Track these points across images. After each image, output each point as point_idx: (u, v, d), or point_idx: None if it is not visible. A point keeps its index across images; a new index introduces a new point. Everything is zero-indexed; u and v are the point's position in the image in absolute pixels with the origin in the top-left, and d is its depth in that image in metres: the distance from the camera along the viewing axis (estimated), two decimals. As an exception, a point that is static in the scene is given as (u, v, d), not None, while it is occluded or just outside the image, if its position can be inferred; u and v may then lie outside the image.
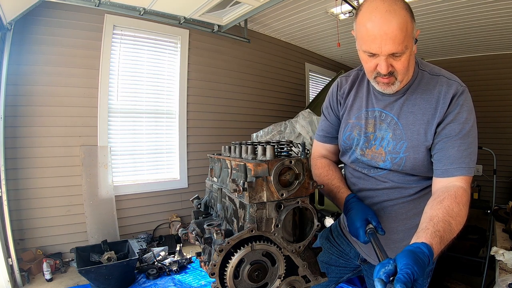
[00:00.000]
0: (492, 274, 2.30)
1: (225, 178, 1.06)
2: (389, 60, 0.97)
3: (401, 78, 1.03)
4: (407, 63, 0.99)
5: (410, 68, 1.04)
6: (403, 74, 1.02)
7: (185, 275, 3.01)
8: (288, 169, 0.85)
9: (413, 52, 1.01)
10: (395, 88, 1.06)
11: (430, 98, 1.07)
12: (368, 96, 1.20)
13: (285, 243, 0.88)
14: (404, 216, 1.18)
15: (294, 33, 4.90)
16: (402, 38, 0.92)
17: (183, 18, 3.73)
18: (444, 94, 1.05)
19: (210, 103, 4.35)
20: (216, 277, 0.84)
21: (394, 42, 0.92)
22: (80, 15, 3.26)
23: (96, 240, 3.23)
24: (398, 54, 0.95)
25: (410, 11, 0.95)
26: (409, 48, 0.96)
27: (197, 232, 1.11)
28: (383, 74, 1.00)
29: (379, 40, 0.93)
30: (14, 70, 2.91)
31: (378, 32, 0.92)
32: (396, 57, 0.96)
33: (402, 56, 0.96)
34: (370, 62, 1.01)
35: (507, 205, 3.24)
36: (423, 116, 1.07)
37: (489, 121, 5.26)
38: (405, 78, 1.05)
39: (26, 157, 3.04)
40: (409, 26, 0.93)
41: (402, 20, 0.91)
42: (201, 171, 4.19)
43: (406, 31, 0.92)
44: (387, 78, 1.01)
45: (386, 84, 1.04)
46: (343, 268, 1.44)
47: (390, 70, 0.99)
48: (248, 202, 0.81)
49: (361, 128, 1.19)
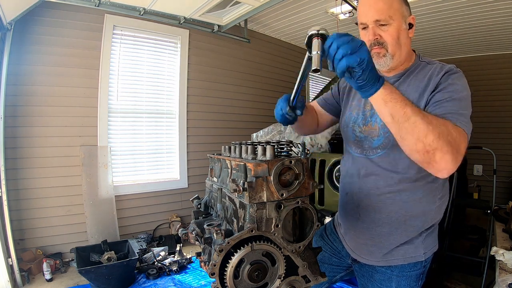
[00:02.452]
0: (492, 274, 2.30)
1: (225, 178, 1.06)
2: (376, 29, 1.08)
3: (392, 50, 1.10)
4: (396, 36, 1.08)
5: (402, 45, 1.11)
6: (393, 45, 1.09)
7: (185, 275, 3.01)
8: (288, 169, 0.85)
9: (403, 29, 1.10)
10: (387, 61, 1.12)
11: (423, 77, 1.11)
12: None
13: (285, 243, 0.88)
14: (390, 209, 1.17)
15: (294, 33, 4.90)
16: (385, 8, 1.06)
17: (183, 18, 3.73)
18: (438, 71, 1.09)
19: (210, 103, 4.35)
20: (216, 277, 0.84)
21: (377, 10, 1.06)
22: (80, 15, 3.26)
23: (96, 240, 3.23)
24: (383, 23, 1.07)
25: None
26: (396, 20, 1.07)
27: (197, 232, 1.12)
28: (373, 43, 1.09)
29: (366, 9, 1.09)
30: (14, 70, 2.91)
31: (366, 3, 1.10)
32: (382, 26, 1.08)
33: (389, 28, 1.07)
34: (364, 36, 1.12)
35: (507, 205, 3.24)
36: (415, 92, 1.10)
37: (489, 121, 5.26)
38: (397, 54, 1.11)
39: (26, 157, 3.04)
40: (395, 3, 1.07)
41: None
42: (201, 171, 4.19)
43: (391, 4, 1.06)
44: (377, 47, 1.10)
45: (378, 54, 1.11)
46: (336, 266, 1.44)
47: (377, 37, 1.09)
48: (248, 202, 0.81)
49: (359, 108, 1.27)
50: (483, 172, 5.32)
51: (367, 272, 1.29)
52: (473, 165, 5.33)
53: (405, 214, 1.16)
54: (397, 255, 1.19)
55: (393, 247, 1.19)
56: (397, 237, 1.19)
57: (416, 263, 1.20)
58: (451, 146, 0.83)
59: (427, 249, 1.20)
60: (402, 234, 1.18)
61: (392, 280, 1.21)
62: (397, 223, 1.17)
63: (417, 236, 1.18)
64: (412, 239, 1.18)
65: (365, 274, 1.30)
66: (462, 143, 0.88)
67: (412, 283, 1.22)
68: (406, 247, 1.18)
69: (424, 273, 1.24)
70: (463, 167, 4.38)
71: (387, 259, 1.21)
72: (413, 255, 1.18)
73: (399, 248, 1.19)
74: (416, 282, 1.23)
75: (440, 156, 0.83)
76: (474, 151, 3.90)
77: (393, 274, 1.21)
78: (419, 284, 1.24)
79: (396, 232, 1.18)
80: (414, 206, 1.16)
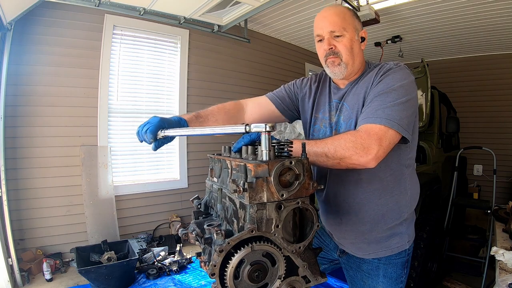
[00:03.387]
0: (492, 274, 2.30)
1: (225, 178, 1.06)
2: (331, 40, 1.18)
3: (345, 59, 1.19)
4: (349, 46, 1.18)
5: (355, 55, 1.21)
6: (346, 55, 1.19)
7: (185, 275, 3.01)
8: (288, 169, 0.84)
9: (356, 40, 1.20)
10: (342, 70, 1.21)
11: (369, 79, 1.20)
12: (330, 92, 1.35)
13: (285, 243, 0.88)
14: (367, 208, 1.23)
15: (294, 33, 4.90)
16: (339, 21, 1.17)
17: (183, 18, 3.73)
18: (377, 72, 1.19)
19: (210, 103, 4.25)
20: (216, 278, 0.83)
21: (331, 23, 1.17)
22: (80, 15, 3.26)
23: (96, 240, 3.23)
24: (338, 34, 1.17)
25: (354, 12, 1.24)
26: (349, 32, 1.17)
27: (197, 232, 1.11)
28: (328, 53, 1.20)
29: (321, 21, 1.20)
30: (14, 70, 2.91)
31: (320, 18, 1.21)
32: (336, 37, 1.18)
33: (343, 39, 1.17)
34: (320, 48, 1.23)
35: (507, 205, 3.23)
36: (361, 95, 1.19)
37: (489, 121, 5.26)
38: (350, 63, 1.20)
39: (26, 157, 3.04)
40: (347, 16, 1.19)
41: (339, 10, 1.20)
42: (201, 171, 4.19)
43: (343, 18, 1.17)
44: (332, 57, 1.20)
45: (333, 63, 1.21)
46: (321, 258, 1.48)
47: (331, 47, 1.19)
48: (248, 203, 0.81)
49: (326, 121, 1.33)
50: (483, 172, 5.32)
51: (354, 264, 1.34)
52: (473, 165, 5.34)
53: (382, 209, 1.23)
54: (385, 247, 1.26)
55: (378, 240, 1.26)
56: (379, 231, 1.25)
57: (400, 252, 1.27)
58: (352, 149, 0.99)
59: (410, 236, 1.30)
60: (383, 228, 1.25)
61: (380, 268, 1.27)
62: (377, 219, 1.24)
63: (398, 227, 1.26)
64: (395, 230, 1.26)
65: (352, 266, 1.35)
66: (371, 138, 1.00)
67: (399, 271, 1.28)
68: (391, 238, 1.26)
69: (408, 261, 1.31)
70: (463, 167, 4.39)
71: (375, 251, 1.27)
72: (399, 245, 1.26)
73: (385, 240, 1.26)
74: (402, 269, 1.29)
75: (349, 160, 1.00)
76: (474, 151, 3.91)
77: (380, 263, 1.27)
78: (405, 271, 1.30)
79: (378, 227, 1.25)
80: (388, 201, 1.23)
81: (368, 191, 1.23)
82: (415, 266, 2.34)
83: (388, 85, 1.11)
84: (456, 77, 5.50)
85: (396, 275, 1.27)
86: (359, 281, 1.33)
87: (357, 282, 1.34)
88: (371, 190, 1.22)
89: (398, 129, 1.04)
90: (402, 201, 1.25)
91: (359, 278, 1.33)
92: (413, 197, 1.30)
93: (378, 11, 3.66)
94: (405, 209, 1.26)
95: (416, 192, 1.32)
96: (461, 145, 4.33)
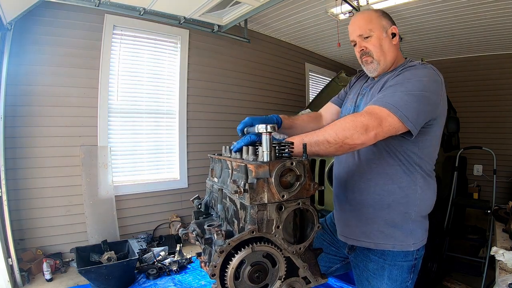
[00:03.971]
0: (492, 274, 2.30)
1: (226, 178, 1.06)
2: (361, 42, 1.31)
3: (377, 57, 1.29)
4: (378, 44, 1.28)
5: (386, 52, 1.29)
6: (377, 52, 1.29)
7: (185, 275, 3.01)
8: (289, 170, 0.84)
9: (384, 38, 1.29)
10: (375, 66, 1.32)
11: (395, 73, 1.26)
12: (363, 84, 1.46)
13: (286, 244, 0.88)
14: (372, 190, 1.26)
15: (294, 33, 4.90)
16: (365, 24, 1.28)
17: (183, 18, 3.72)
18: (402, 66, 1.27)
19: (210, 103, 4.35)
20: (216, 278, 0.84)
21: (358, 27, 1.30)
22: (80, 15, 3.26)
23: (96, 240, 3.23)
24: (366, 36, 1.28)
25: (381, 12, 1.32)
26: (376, 31, 1.27)
27: (197, 232, 1.11)
28: (361, 54, 1.33)
29: (351, 28, 1.33)
30: (14, 70, 2.90)
31: (350, 25, 1.34)
32: (365, 38, 1.29)
33: (372, 39, 1.28)
34: (356, 51, 1.36)
35: (507, 205, 3.24)
36: (382, 84, 1.25)
37: (489, 121, 5.27)
38: (382, 60, 1.30)
39: (26, 157, 3.04)
40: (373, 17, 1.29)
41: (364, 14, 1.31)
42: (201, 171, 4.19)
43: (369, 20, 1.28)
44: (365, 56, 1.32)
45: (366, 61, 1.33)
46: (333, 256, 1.52)
47: (363, 48, 1.31)
48: (249, 204, 0.81)
49: (352, 102, 1.44)
50: (483, 172, 5.32)
51: (361, 262, 1.35)
52: (473, 165, 5.34)
53: (387, 198, 1.24)
54: (388, 241, 1.26)
55: (381, 231, 1.26)
56: (382, 221, 1.26)
57: (406, 254, 1.26)
58: (352, 129, 1.00)
59: (416, 240, 1.26)
60: (386, 218, 1.25)
61: (385, 269, 1.27)
62: (380, 206, 1.25)
63: (402, 224, 1.25)
64: (398, 225, 1.25)
65: (359, 264, 1.36)
66: (371, 117, 1.02)
67: (404, 274, 1.27)
68: (394, 232, 1.25)
69: (415, 267, 1.29)
70: (463, 167, 4.39)
71: (378, 242, 1.27)
72: (402, 243, 1.25)
73: (389, 233, 1.25)
74: (408, 274, 1.28)
75: (350, 140, 1.00)
76: (474, 151, 3.91)
77: (386, 263, 1.27)
78: (410, 277, 1.29)
79: (380, 215, 1.26)
80: (396, 191, 1.24)
81: (375, 173, 1.25)
82: (415, 266, 2.34)
83: (405, 77, 1.15)
84: (456, 77, 5.50)
85: (401, 279, 1.27)
86: (365, 281, 1.34)
87: (363, 281, 1.35)
88: (378, 173, 1.25)
89: (400, 117, 1.04)
90: (411, 196, 1.24)
91: (365, 278, 1.33)
92: (424, 200, 1.28)
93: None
94: (413, 208, 1.25)
95: (428, 197, 1.29)
96: (461, 145, 4.33)
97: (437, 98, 1.15)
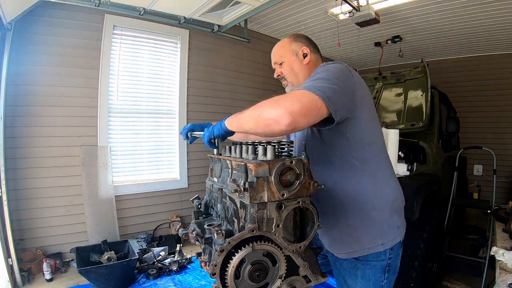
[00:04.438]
0: (492, 274, 2.30)
1: (226, 178, 1.06)
2: (277, 68, 1.46)
3: (290, 79, 1.42)
4: (289, 68, 1.41)
5: (298, 73, 1.41)
6: (289, 76, 1.42)
7: (185, 275, 3.01)
8: (289, 169, 0.85)
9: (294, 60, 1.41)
10: (290, 88, 1.43)
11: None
12: None
13: (286, 243, 0.88)
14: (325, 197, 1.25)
15: (294, 33, 4.89)
16: (277, 52, 1.45)
17: (183, 18, 3.72)
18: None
19: (210, 103, 4.35)
20: (217, 277, 0.84)
21: (273, 55, 1.47)
22: (80, 15, 3.26)
23: (96, 240, 3.23)
24: (279, 62, 1.44)
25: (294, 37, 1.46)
26: (286, 57, 1.42)
27: (197, 232, 1.11)
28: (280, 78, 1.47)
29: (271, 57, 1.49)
30: (14, 70, 2.90)
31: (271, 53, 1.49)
32: (279, 65, 1.44)
33: (284, 64, 1.42)
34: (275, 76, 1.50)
35: (507, 205, 3.24)
36: None
37: (489, 121, 5.26)
38: (295, 81, 1.41)
39: (26, 157, 3.04)
40: (285, 44, 1.44)
41: (279, 44, 1.47)
42: (201, 171, 4.19)
43: (281, 48, 1.44)
44: (283, 80, 1.46)
45: (284, 85, 1.47)
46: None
47: (279, 74, 1.45)
48: (249, 202, 0.81)
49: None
50: (483, 172, 5.32)
51: (337, 261, 1.35)
52: (473, 165, 5.33)
53: (341, 203, 1.23)
54: (355, 247, 1.24)
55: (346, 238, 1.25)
56: (343, 228, 1.26)
57: (378, 254, 1.24)
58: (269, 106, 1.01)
59: (385, 240, 1.23)
60: (347, 224, 1.24)
61: (358, 268, 1.27)
62: (338, 212, 1.25)
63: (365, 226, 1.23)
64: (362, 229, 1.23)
65: (336, 263, 1.37)
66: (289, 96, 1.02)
67: (377, 274, 1.26)
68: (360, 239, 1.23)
69: (390, 266, 1.27)
70: (463, 167, 4.39)
71: (347, 251, 1.27)
72: (369, 246, 1.23)
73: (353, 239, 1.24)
74: (381, 273, 1.26)
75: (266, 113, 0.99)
76: (474, 151, 3.91)
77: (358, 262, 1.27)
78: (385, 276, 1.27)
79: (340, 222, 1.26)
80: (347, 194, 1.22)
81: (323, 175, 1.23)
82: (415, 266, 2.34)
83: (316, 71, 1.22)
84: (456, 77, 5.50)
85: (374, 278, 1.25)
86: (341, 279, 1.35)
87: (340, 279, 1.37)
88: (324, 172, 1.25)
89: (319, 94, 1.00)
90: (360, 197, 1.21)
91: (342, 276, 1.34)
92: (379, 198, 1.24)
93: (378, 11, 3.66)
94: (370, 208, 1.22)
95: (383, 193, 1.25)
96: (461, 145, 4.33)
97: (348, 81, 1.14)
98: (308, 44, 1.44)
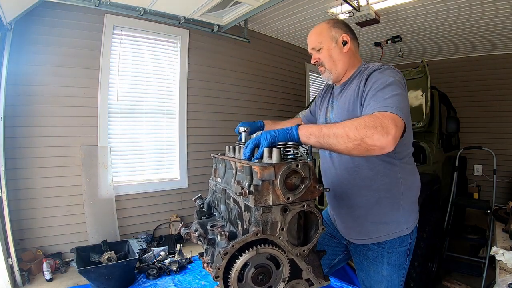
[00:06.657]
0: (492, 274, 2.30)
1: (230, 179, 1.06)
2: (315, 54, 1.42)
3: (328, 66, 1.40)
4: (327, 55, 1.38)
5: (336, 60, 1.38)
6: (328, 63, 1.39)
7: (185, 275, 3.01)
8: (294, 172, 0.84)
9: (333, 47, 1.37)
10: (328, 75, 1.43)
11: (359, 81, 1.31)
12: (332, 93, 1.53)
13: (290, 246, 0.87)
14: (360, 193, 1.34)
15: (294, 33, 4.89)
16: (315, 37, 1.39)
17: (183, 18, 3.72)
18: (366, 74, 1.28)
19: (210, 103, 4.35)
20: (220, 280, 0.83)
21: (310, 42, 1.42)
22: (80, 15, 3.25)
23: (96, 240, 3.23)
24: (317, 48, 1.39)
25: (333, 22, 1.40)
26: (325, 44, 1.37)
27: (200, 232, 1.11)
28: (316, 65, 1.44)
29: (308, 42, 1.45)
30: (14, 70, 2.89)
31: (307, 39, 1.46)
32: (317, 51, 1.40)
33: (322, 50, 1.38)
34: (312, 62, 1.46)
35: (507, 205, 3.25)
36: (351, 96, 1.31)
37: (489, 121, 5.27)
38: (333, 69, 1.39)
39: (26, 157, 3.03)
40: (324, 30, 1.38)
41: (317, 28, 1.41)
42: (201, 171, 4.18)
43: (320, 33, 1.39)
44: (320, 67, 1.43)
45: (321, 71, 1.45)
46: (335, 248, 1.59)
47: (316, 60, 1.42)
48: (254, 205, 0.81)
49: (323, 116, 1.53)
50: (483, 172, 5.33)
51: (361, 251, 1.43)
52: (473, 165, 5.35)
53: (374, 196, 1.32)
54: (383, 232, 1.34)
55: (376, 225, 1.34)
56: (374, 217, 1.34)
57: (402, 240, 1.35)
58: (373, 128, 0.95)
59: (409, 224, 1.36)
60: (378, 213, 1.33)
61: (384, 256, 1.36)
62: (370, 205, 1.33)
63: (393, 214, 1.33)
64: (390, 216, 1.33)
65: (359, 253, 1.45)
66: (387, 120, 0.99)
67: (401, 259, 1.37)
68: (387, 223, 1.34)
69: (411, 250, 1.40)
70: (463, 167, 4.40)
71: (374, 236, 1.36)
72: (397, 231, 1.34)
73: (382, 226, 1.34)
74: (404, 257, 1.38)
75: (370, 139, 0.95)
76: (474, 151, 3.91)
77: (384, 251, 1.36)
78: (407, 259, 1.39)
79: (372, 212, 1.34)
80: (380, 188, 1.31)
81: (358, 178, 1.33)
82: (415, 266, 2.34)
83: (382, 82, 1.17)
84: (456, 77, 5.50)
85: (399, 263, 1.36)
86: (365, 267, 1.42)
87: (363, 268, 1.43)
88: (361, 178, 1.32)
89: (403, 117, 1.04)
90: (394, 189, 1.32)
91: (365, 265, 1.42)
92: (409, 187, 1.36)
93: (378, 11, 3.66)
94: (400, 198, 1.33)
95: (411, 183, 1.37)
96: (461, 145, 4.33)
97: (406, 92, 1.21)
98: (347, 31, 1.40)
